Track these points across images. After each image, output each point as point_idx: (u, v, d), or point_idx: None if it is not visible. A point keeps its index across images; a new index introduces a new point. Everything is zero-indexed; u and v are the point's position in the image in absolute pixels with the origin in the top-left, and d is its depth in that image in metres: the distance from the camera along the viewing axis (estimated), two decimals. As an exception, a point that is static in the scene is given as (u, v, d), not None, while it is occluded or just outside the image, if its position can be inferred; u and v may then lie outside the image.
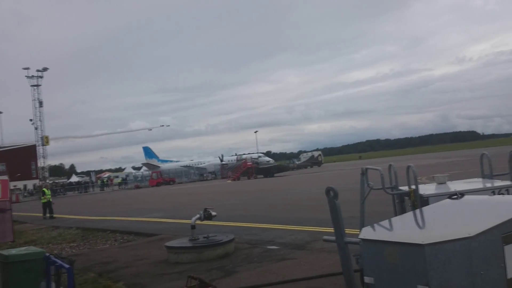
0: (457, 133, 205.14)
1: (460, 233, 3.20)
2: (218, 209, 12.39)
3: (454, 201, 4.14)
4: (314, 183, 32.55)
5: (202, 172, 79.19)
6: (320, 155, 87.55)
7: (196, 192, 38.11)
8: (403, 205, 5.49)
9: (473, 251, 3.17)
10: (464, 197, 4.21)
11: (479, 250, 3.20)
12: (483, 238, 3.21)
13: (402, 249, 3.33)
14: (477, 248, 3.19)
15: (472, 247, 3.17)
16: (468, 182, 5.79)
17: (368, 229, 3.92)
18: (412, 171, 5.20)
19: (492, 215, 3.56)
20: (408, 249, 3.27)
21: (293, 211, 16.69)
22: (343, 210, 5.38)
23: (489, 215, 3.59)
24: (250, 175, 61.63)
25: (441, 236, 3.22)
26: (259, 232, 12.16)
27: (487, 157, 5.86)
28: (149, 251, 11.07)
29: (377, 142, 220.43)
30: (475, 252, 3.18)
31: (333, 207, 4.05)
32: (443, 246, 3.14)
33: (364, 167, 5.99)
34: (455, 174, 20.93)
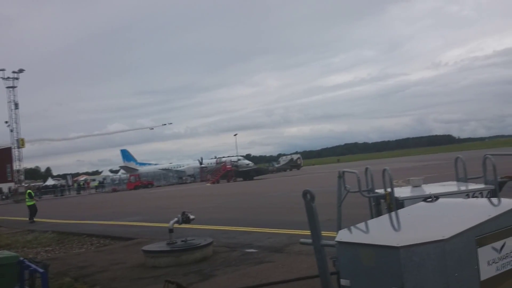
0: (433, 136, 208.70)
1: (435, 236, 3.24)
2: (196, 213, 12.32)
3: (429, 204, 4.19)
4: (293, 186, 32.66)
5: (181, 175, 78.71)
6: (299, 158, 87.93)
7: (174, 196, 37.85)
8: (379, 208, 5.54)
9: (447, 254, 3.21)
10: (438, 200, 4.26)
11: (453, 252, 3.23)
12: (457, 241, 3.25)
13: (377, 251, 3.35)
14: (451, 251, 3.22)
15: (446, 249, 3.20)
16: (443, 185, 5.88)
17: (344, 231, 3.94)
18: (388, 174, 5.25)
19: (466, 218, 3.61)
20: (384, 251, 3.29)
21: (271, 213, 16.70)
22: (321, 213, 5.41)
23: (463, 218, 3.64)
24: (229, 178, 61.51)
25: (415, 239, 3.25)
26: (238, 235, 12.13)
27: (461, 161, 5.96)
28: (126, 255, 10.94)
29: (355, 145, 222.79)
30: (449, 255, 3.21)
31: (309, 210, 4.06)
32: (418, 248, 3.17)
33: (341, 170, 6.04)
34: (431, 177, 21.27)
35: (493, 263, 3.46)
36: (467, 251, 3.31)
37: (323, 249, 4.14)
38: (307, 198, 4.03)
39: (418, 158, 76.52)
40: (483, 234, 3.40)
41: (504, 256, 3.53)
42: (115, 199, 43.76)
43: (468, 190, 5.07)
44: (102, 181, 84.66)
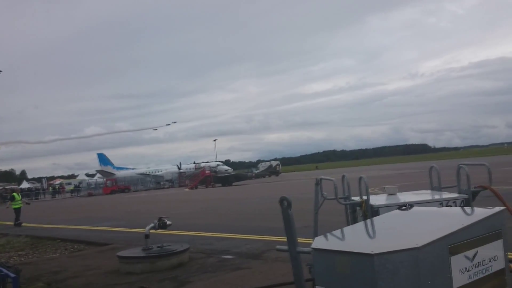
0: (409, 145, 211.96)
1: (408, 244, 3.26)
2: (173, 218, 12.22)
3: (403, 212, 4.24)
4: (272, 192, 32.69)
5: (159, 180, 78.03)
6: (278, 165, 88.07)
7: (151, 201, 37.50)
8: (355, 215, 5.58)
9: (420, 261, 3.23)
10: (413, 208, 4.31)
11: (426, 260, 3.26)
12: (430, 249, 3.28)
13: (352, 258, 3.36)
14: (425, 259, 3.25)
15: (419, 257, 3.23)
16: (417, 193, 5.95)
17: (320, 238, 3.95)
18: (364, 182, 5.30)
19: (439, 226, 3.66)
20: (358, 258, 3.31)
21: (250, 220, 16.68)
22: (299, 220, 5.41)
23: (436, 226, 3.68)
24: (208, 183, 61.25)
25: (390, 246, 3.27)
26: (215, 242, 12.07)
27: (435, 170, 6.05)
28: (100, 261, 10.78)
29: (333, 153, 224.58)
30: (422, 263, 3.24)
31: (286, 217, 4.07)
32: (392, 256, 3.19)
33: (319, 178, 6.07)
34: (406, 185, 21.55)
35: (466, 272, 3.50)
36: (440, 260, 3.34)
37: (298, 256, 4.14)
38: (284, 205, 4.03)
39: (395, 167, 77.50)
40: (456, 242, 3.44)
41: (477, 264, 3.58)
42: (91, 203, 43.13)
43: (442, 199, 5.14)
44: (78, 185, 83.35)
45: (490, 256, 3.69)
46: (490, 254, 3.68)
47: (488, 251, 3.67)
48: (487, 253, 3.66)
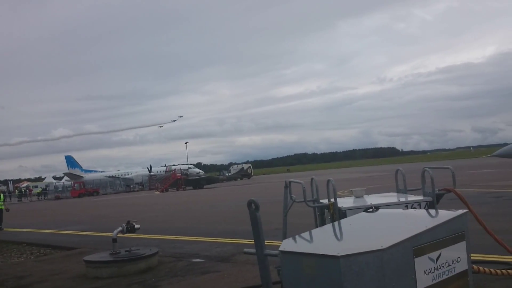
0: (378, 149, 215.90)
1: (374, 245, 3.31)
2: (143, 222, 12.06)
3: (370, 214, 4.30)
4: (243, 195, 32.67)
5: (128, 183, 76.98)
6: (249, 168, 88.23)
7: (120, 204, 36.95)
8: (323, 218, 5.63)
9: (385, 263, 3.28)
10: (379, 210, 4.38)
11: (391, 262, 3.31)
12: (395, 251, 3.34)
13: (319, 260, 3.39)
14: (389, 260, 3.30)
15: (384, 259, 3.28)
16: (384, 196, 6.05)
17: (288, 241, 3.96)
18: (332, 185, 5.35)
19: (404, 228, 3.73)
20: (325, 260, 3.33)
21: (220, 223, 16.62)
22: (270, 222, 5.43)
23: (401, 228, 3.75)
24: (179, 186, 60.82)
25: (355, 248, 3.31)
26: (185, 245, 11.96)
27: (401, 173, 6.16)
28: (67, 265, 10.54)
29: (304, 156, 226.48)
30: (387, 264, 3.29)
31: (254, 219, 4.07)
32: (357, 258, 3.23)
33: (288, 181, 6.10)
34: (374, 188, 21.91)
35: (430, 273, 3.57)
36: (405, 261, 3.40)
37: (266, 258, 4.15)
38: (252, 207, 4.04)
39: (364, 169, 78.66)
40: (420, 244, 3.51)
41: (440, 266, 3.66)
42: (58, 207, 42.19)
43: (407, 202, 5.24)
44: (45, 188, 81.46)
45: (454, 258, 3.77)
46: (453, 255, 3.77)
47: (451, 252, 3.75)
48: (450, 254, 3.74)
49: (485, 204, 14.40)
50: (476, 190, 19.96)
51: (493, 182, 24.18)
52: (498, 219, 11.15)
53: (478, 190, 20.25)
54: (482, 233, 5.74)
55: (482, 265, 6.02)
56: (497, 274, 5.88)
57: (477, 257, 6.62)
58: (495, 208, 13.76)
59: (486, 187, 21.76)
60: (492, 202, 15.40)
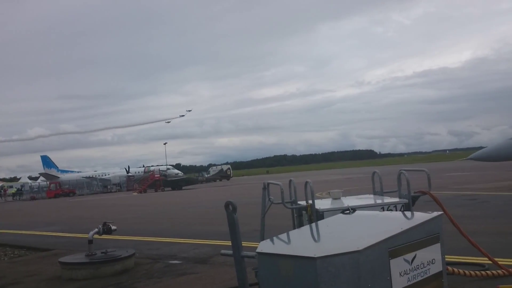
0: (356, 151, 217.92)
1: (350, 247, 3.33)
2: (119, 223, 11.92)
3: (347, 216, 4.33)
4: (222, 196, 32.59)
5: (106, 184, 76.11)
6: (229, 169, 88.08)
7: (97, 205, 36.49)
8: (301, 219, 5.65)
9: (361, 265, 3.30)
10: (355, 212, 4.41)
11: (367, 263, 3.33)
12: (370, 252, 3.36)
13: (295, 262, 3.39)
14: (365, 262, 3.32)
15: (360, 260, 3.29)
16: (360, 198, 6.10)
17: (265, 242, 3.96)
18: (310, 186, 5.37)
19: (380, 230, 3.75)
20: (301, 262, 3.33)
21: (199, 224, 16.54)
22: (249, 223, 5.42)
23: (377, 230, 3.77)
24: (157, 187, 60.39)
25: (332, 250, 3.32)
26: (162, 247, 11.86)
27: (378, 175, 6.23)
28: (42, 267, 10.34)
29: (284, 157, 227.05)
30: (363, 266, 3.30)
31: (231, 221, 4.06)
32: (333, 259, 3.24)
33: (266, 182, 6.10)
34: (352, 190, 22.12)
35: (405, 274, 3.61)
36: (380, 263, 3.42)
37: (242, 260, 4.14)
38: (229, 209, 4.02)
39: (342, 171, 79.36)
40: (396, 246, 3.54)
41: (415, 267, 3.70)
42: (33, 207, 41.44)
43: (383, 203, 5.29)
44: (20, 188, 79.95)
45: (429, 259, 3.82)
46: (428, 257, 3.82)
47: (426, 254, 3.80)
48: (425, 256, 3.79)
49: (460, 207, 14.65)
50: (452, 193, 20.31)
51: (468, 185, 24.65)
52: (473, 221, 11.35)
53: (454, 192, 20.62)
54: (456, 235, 5.84)
55: (456, 267, 6.13)
56: (471, 276, 5.99)
57: (451, 258, 6.72)
58: (470, 210, 14.01)
59: (461, 189, 22.16)
60: (467, 204, 15.68)
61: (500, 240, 8.93)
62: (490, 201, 16.46)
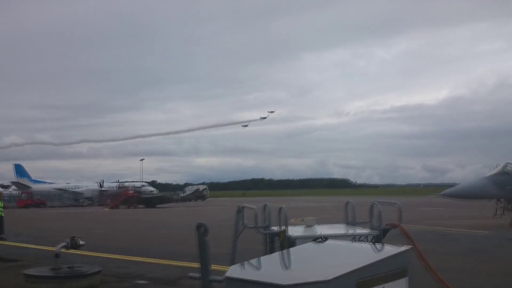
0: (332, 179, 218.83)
1: (319, 276, 3.32)
2: (88, 238, 11.67)
3: (318, 245, 4.33)
4: (195, 216, 32.29)
5: (78, 197, 74.66)
6: (205, 189, 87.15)
7: (67, 218, 35.73)
8: (273, 245, 5.63)
9: (329, 294, 3.29)
10: (327, 241, 4.42)
11: (335, 293, 3.33)
12: (338, 283, 3.35)
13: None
14: (333, 292, 3.32)
15: (328, 290, 3.29)
16: (333, 227, 6.12)
17: (235, 267, 3.92)
18: (284, 212, 5.38)
19: (349, 261, 3.77)
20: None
21: (170, 244, 16.32)
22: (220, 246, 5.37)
23: (346, 261, 3.79)
24: (130, 204, 59.44)
25: (301, 278, 3.31)
26: (130, 265, 11.65)
27: (351, 205, 6.28)
28: (5, 278, 10.04)
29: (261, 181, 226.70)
30: (331, 296, 3.30)
31: (201, 243, 4.02)
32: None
33: (240, 205, 6.08)
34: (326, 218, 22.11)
35: (367, 307, 3.60)
36: (348, 293, 3.42)
37: (211, 284, 4.09)
38: (201, 231, 3.99)
39: (318, 199, 79.58)
40: (364, 278, 3.53)
41: (382, 300, 3.70)
42: (1, 217, 40.21)
43: (355, 234, 5.32)
44: (-12, 196, 77.64)
45: (396, 293, 3.83)
46: (395, 290, 3.83)
47: (394, 287, 3.81)
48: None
49: (431, 242, 14.81)
50: (424, 227, 20.55)
51: (440, 221, 24.98)
52: (442, 257, 11.47)
53: (426, 227, 20.86)
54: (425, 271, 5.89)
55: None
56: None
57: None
58: (440, 246, 14.18)
59: (433, 225, 22.45)
60: (437, 240, 15.88)
61: (469, 279, 9.04)
62: (460, 238, 16.72)
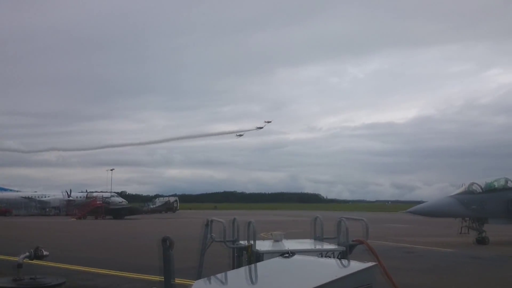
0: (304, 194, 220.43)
1: (284, 292, 3.34)
2: (53, 249, 11.37)
3: (285, 260, 4.35)
4: (163, 228, 31.93)
5: (44, 206, 72.78)
6: (176, 201, 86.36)
7: (32, 227, 34.74)
8: (241, 259, 5.62)
9: (293, 310, 3.31)
10: (294, 256, 4.44)
11: (299, 309, 3.34)
12: (303, 298, 3.38)
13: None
14: (298, 307, 3.33)
15: (293, 306, 3.31)
16: (301, 242, 6.16)
17: (200, 282, 3.91)
18: (252, 227, 5.39)
19: (315, 276, 3.80)
20: (234, 304, 3.31)
21: (136, 257, 16.04)
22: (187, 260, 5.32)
23: (312, 276, 3.82)
24: (98, 215, 58.26)
25: (266, 293, 3.33)
26: (95, 278, 11.40)
27: (320, 220, 6.34)
28: (-39, 290, 9.65)
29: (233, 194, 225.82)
30: (295, 311, 3.31)
31: (166, 257, 3.99)
32: (266, 303, 3.24)
33: (209, 219, 6.06)
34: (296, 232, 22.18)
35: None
36: (312, 309, 3.44)
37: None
38: (166, 244, 3.95)
39: (289, 213, 79.77)
40: (330, 293, 3.57)
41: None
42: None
43: (322, 249, 5.37)
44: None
45: (360, 309, 3.86)
46: (360, 306, 3.86)
47: (358, 303, 3.85)
48: (357, 305, 3.83)
49: (397, 259, 15.00)
50: (390, 244, 20.82)
51: (406, 237, 25.35)
52: (407, 274, 11.64)
53: (392, 244, 21.14)
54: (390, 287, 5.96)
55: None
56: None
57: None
58: (406, 263, 14.38)
59: (399, 241, 22.77)
60: (403, 257, 16.10)
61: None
62: (426, 255, 17.00)
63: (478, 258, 16.04)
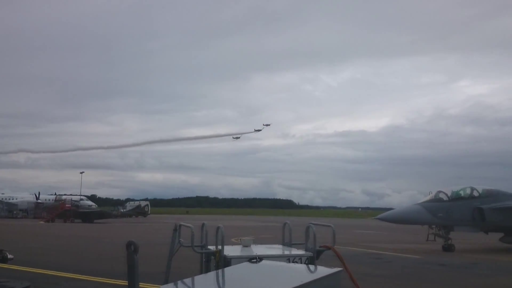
0: (277, 200, 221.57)
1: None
2: (18, 252, 11.13)
3: (253, 265, 4.37)
4: (133, 233, 31.55)
5: (12, 209, 70.89)
6: (147, 205, 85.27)
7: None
8: (209, 265, 5.62)
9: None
10: (262, 261, 4.48)
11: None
12: (270, 302, 3.41)
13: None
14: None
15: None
16: (269, 247, 6.21)
17: (167, 286, 3.89)
18: (221, 232, 5.40)
19: (281, 281, 3.84)
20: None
21: (104, 261, 15.81)
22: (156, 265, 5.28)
23: (279, 281, 3.86)
24: (67, 218, 57.14)
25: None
26: (62, 282, 11.18)
27: (288, 226, 6.40)
28: None
29: (206, 199, 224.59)
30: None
31: (131, 262, 3.95)
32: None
33: (177, 223, 6.04)
34: (267, 238, 22.25)
35: (301, 327, 3.67)
36: (278, 314, 3.47)
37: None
38: (131, 249, 3.92)
39: (261, 219, 79.88)
40: (296, 298, 3.61)
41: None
42: None
43: (290, 255, 5.43)
44: None
45: (325, 314, 3.92)
46: (325, 311, 3.92)
47: (324, 308, 3.90)
48: (323, 310, 3.89)
49: (365, 264, 15.20)
50: (359, 250, 21.08)
51: (375, 244, 25.73)
52: (374, 280, 11.82)
53: (361, 249, 21.41)
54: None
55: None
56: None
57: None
58: (373, 269, 14.59)
59: (368, 247, 23.08)
60: (371, 263, 16.32)
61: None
62: (393, 261, 17.27)
63: (444, 265, 16.39)
